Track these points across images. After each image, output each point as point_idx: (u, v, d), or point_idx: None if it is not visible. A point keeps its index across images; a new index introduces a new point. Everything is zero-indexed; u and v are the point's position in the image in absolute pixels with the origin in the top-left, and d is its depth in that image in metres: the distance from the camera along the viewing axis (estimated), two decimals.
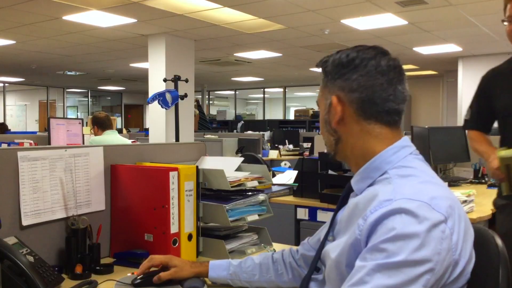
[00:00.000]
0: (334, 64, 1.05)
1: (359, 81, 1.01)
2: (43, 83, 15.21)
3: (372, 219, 0.89)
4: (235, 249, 1.69)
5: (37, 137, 5.51)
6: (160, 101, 4.22)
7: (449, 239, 0.87)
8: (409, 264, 0.84)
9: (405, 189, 0.92)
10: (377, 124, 1.02)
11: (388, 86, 1.01)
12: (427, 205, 0.88)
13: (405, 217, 0.86)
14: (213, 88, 16.87)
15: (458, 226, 0.91)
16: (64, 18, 6.32)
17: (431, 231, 0.85)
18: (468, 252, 0.93)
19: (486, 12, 6.01)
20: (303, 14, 6.03)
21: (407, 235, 0.85)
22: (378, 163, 1.01)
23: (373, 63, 1.01)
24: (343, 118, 1.03)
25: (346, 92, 1.02)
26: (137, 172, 1.62)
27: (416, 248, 0.84)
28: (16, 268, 1.22)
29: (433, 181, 0.97)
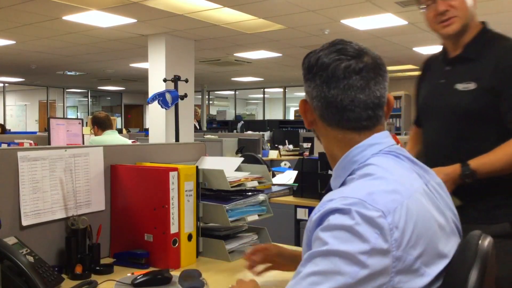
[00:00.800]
0: (303, 68, 1.05)
1: (317, 89, 1.00)
2: (43, 83, 15.22)
3: (313, 220, 0.91)
4: (235, 249, 1.69)
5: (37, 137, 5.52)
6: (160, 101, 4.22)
7: (387, 235, 0.84)
8: (334, 253, 0.84)
9: (349, 188, 0.93)
10: (340, 130, 1.00)
11: (344, 96, 0.97)
12: (361, 201, 0.86)
13: (337, 216, 0.86)
14: (213, 88, 16.87)
15: (405, 221, 0.86)
16: (64, 18, 6.32)
17: (362, 225, 0.83)
18: (418, 251, 0.87)
19: (485, 12, 6.01)
20: (303, 14, 6.03)
21: (336, 227, 0.85)
22: (345, 163, 1.01)
23: (330, 70, 0.98)
24: (313, 120, 1.05)
25: (309, 98, 1.03)
26: (137, 172, 1.62)
27: (344, 239, 0.83)
28: (16, 268, 1.22)
29: (387, 176, 0.93)
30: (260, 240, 1.79)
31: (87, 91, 17.17)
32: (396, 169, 0.97)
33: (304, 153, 7.42)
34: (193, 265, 1.58)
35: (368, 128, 1.00)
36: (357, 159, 0.99)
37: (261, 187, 1.77)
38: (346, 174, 1.01)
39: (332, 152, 1.05)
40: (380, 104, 1.00)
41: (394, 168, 0.97)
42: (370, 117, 0.99)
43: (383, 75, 1.01)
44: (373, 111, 0.99)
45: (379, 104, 0.99)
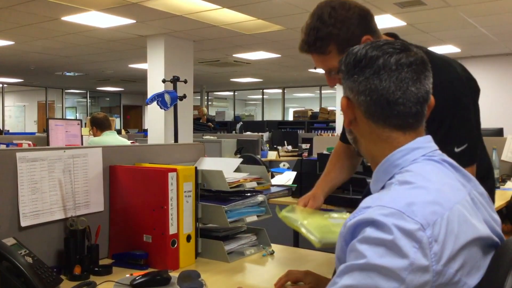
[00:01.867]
0: (346, 64, 1.02)
1: (365, 83, 0.97)
2: (42, 84, 15.21)
3: (348, 226, 0.88)
4: (234, 250, 1.69)
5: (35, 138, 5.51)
6: (159, 102, 4.22)
7: (427, 249, 0.81)
8: (372, 267, 0.81)
9: (387, 196, 0.89)
10: (386, 127, 0.98)
11: (396, 88, 0.95)
12: (399, 213, 0.83)
13: (374, 229, 0.83)
14: (212, 89, 16.87)
15: (446, 233, 0.84)
16: (63, 19, 6.32)
17: (400, 240, 0.81)
18: (461, 261, 0.86)
19: (484, 13, 6.02)
20: (302, 15, 6.04)
21: (375, 240, 0.82)
22: (386, 166, 0.98)
23: (381, 62, 0.96)
24: (355, 119, 1.01)
25: (354, 94, 0.99)
26: (136, 173, 1.62)
27: (382, 254, 0.81)
28: (15, 269, 1.22)
29: (428, 186, 0.90)
30: (259, 241, 1.79)
31: (86, 92, 17.16)
32: (438, 178, 0.93)
33: (303, 154, 7.42)
34: (192, 266, 1.57)
35: (413, 127, 0.98)
36: (399, 163, 0.96)
37: (260, 188, 1.77)
38: (386, 178, 0.97)
39: (373, 154, 1.02)
40: (427, 100, 0.99)
41: (436, 176, 0.93)
42: (417, 113, 0.97)
43: (430, 71, 1.00)
44: (421, 107, 0.97)
45: (426, 99, 0.98)
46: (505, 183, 3.71)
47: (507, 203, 3.00)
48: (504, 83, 9.23)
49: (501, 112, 8.99)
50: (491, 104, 9.23)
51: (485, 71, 9.40)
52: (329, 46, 1.43)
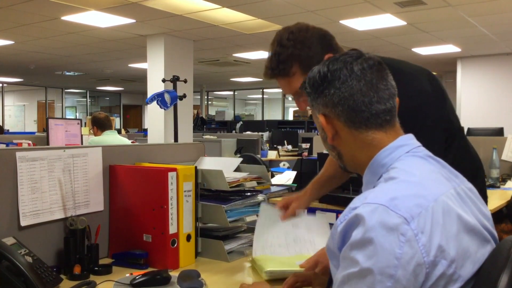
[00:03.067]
0: (310, 85, 1.05)
1: (338, 94, 1.00)
2: (42, 84, 15.20)
3: (339, 229, 0.90)
4: (234, 250, 1.69)
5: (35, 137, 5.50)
6: (158, 102, 4.22)
7: (413, 241, 0.83)
8: (365, 272, 0.83)
9: (372, 193, 0.91)
10: (369, 130, 1.00)
11: (368, 89, 0.99)
12: (383, 207, 0.85)
13: (360, 229, 0.85)
14: (212, 88, 16.87)
15: (432, 224, 0.85)
16: (63, 18, 6.32)
17: (385, 236, 0.82)
18: (453, 252, 0.87)
19: (484, 12, 6.02)
20: (302, 14, 6.04)
21: (362, 241, 0.84)
22: (374, 167, 1.00)
23: (345, 72, 1.00)
24: (336, 132, 1.03)
25: (330, 108, 1.02)
26: (135, 172, 1.62)
27: (371, 255, 0.83)
28: (15, 268, 1.22)
29: (411, 180, 0.92)
30: None
31: (85, 92, 17.16)
32: (421, 171, 0.95)
33: (303, 153, 7.42)
34: (192, 265, 1.57)
35: (391, 123, 1.01)
36: (385, 162, 0.98)
37: (260, 187, 1.77)
38: (375, 179, 0.99)
39: (360, 161, 1.03)
40: (395, 94, 1.03)
41: (419, 170, 0.95)
42: (392, 108, 1.01)
43: (388, 69, 1.04)
44: (393, 101, 1.02)
45: (394, 94, 1.02)
46: (505, 183, 3.71)
47: (507, 203, 3.00)
48: (504, 82, 9.23)
49: (501, 112, 8.99)
50: (491, 104, 9.24)
51: (485, 71, 9.41)
52: (292, 68, 1.44)
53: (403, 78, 1.43)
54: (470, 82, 9.57)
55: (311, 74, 1.05)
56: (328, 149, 1.09)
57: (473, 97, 9.44)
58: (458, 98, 9.67)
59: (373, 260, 0.82)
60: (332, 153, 1.08)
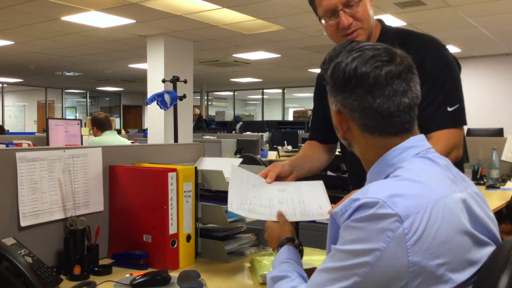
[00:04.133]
0: (333, 79, 1.01)
1: (358, 101, 0.97)
2: (42, 84, 15.20)
3: (343, 219, 0.92)
4: (234, 250, 1.69)
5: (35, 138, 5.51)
6: (158, 102, 4.22)
7: (401, 239, 0.84)
8: (347, 252, 0.88)
9: (373, 186, 0.92)
10: (382, 136, 0.99)
11: (390, 103, 0.95)
12: (381, 202, 0.86)
13: (356, 214, 0.89)
14: (212, 89, 16.87)
15: (426, 227, 0.85)
16: (63, 18, 6.32)
17: (377, 228, 0.85)
18: (445, 254, 0.86)
19: (484, 13, 6.02)
20: (302, 15, 6.04)
21: (353, 227, 0.88)
22: (381, 166, 1.00)
23: (371, 79, 0.95)
24: (349, 129, 1.03)
25: (348, 109, 1.00)
26: (135, 173, 1.62)
27: (357, 240, 0.87)
28: (14, 269, 1.22)
29: (415, 179, 0.92)
30: (259, 241, 1.79)
31: (85, 92, 17.16)
32: (427, 173, 0.95)
33: None
34: (192, 266, 1.57)
35: (409, 130, 1.00)
36: (394, 162, 0.98)
37: None
38: (381, 178, 0.99)
39: (368, 158, 1.04)
40: (418, 103, 1.00)
41: (426, 171, 0.95)
42: (412, 119, 0.99)
43: (417, 74, 1.01)
44: (414, 112, 0.99)
45: (417, 103, 1.00)
46: (505, 183, 3.71)
47: (507, 203, 3.00)
48: (504, 83, 9.23)
49: (501, 112, 8.99)
50: (491, 104, 9.24)
51: (485, 71, 9.41)
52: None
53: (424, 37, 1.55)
54: (470, 83, 9.56)
55: (337, 67, 1.01)
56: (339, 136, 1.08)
57: (472, 98, 9.42)
58: None
59: (357, 245, 0.87)
60: (345, 142, 1.08)
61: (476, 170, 3.82)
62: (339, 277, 0.88)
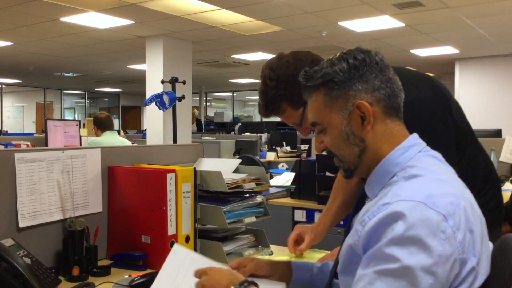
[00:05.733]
0: (346, 70, 0.99)
1: (379, 78, 0.99)
2: (40, 85, 15.19)
3: (370, 226, 0.88)
4: (233, 251, 1.69)
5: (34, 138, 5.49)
6: (157, 103, 4.22)
7: (452, 238, 0.83)
8: (407, 269, 0.82)
9: (403, 190, 0.90)
10: (397, 119, 1.01)
11: (391, 79, 1.01)
12: (422, 204, 0.84)
13: (400, 223, 0.83)
14: (210, 89, 16.87)
15: (465, 222, 0.86)
16: (62, 19, 6.31)
17: (429, 233, 0.82)
18: (478, 251, 0.88)
19: (483, 14, 6.03)
20: (301, 16, 6.04)
21: (403, 239, 0.83)
22: (386, 166, 0.98)
23: (376, 59, 1.00)
24: (371, 121, 0.99)
25: (370, 92, 0.98)
26: (134, 173, 1.62)
27: (413, 252, 0.82)
28: (13, 270, 1.22)
29: (438, 178, 0.92)
30: (258, 242, 1.79)
31: (84, 93, 17.14)
32: (442, 170, 0.96)
33: (302, 155, 7.41)
34: None
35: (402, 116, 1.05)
36: (399, 161, 0.97)
37: (258, 188, 1.77)
38: (386, 178, 0.98)
39: (382, 155, 0.99)
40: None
41: (440, 169, 0.96)
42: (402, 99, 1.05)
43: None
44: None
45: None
46: (504, 184, 3.71)
47: (505, 204, 3.00)
48: (502, 84, 9.24)
49: (499, 113, 9.00)
50: (490, 105, 9.25)
51: (484, 72, 9.42)
52: (281, 106, 1.44)
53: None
54: (468, 84, 9.58)
55: (334, 66, 1.00)
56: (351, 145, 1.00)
57: (471, 99, 9.44)
58: (456, 99, 9.64)
59: (416, 258, 0.82)
60: (355, 150, 1.00)
61: None
62: None
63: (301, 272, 1.22)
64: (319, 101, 1.02)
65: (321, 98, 1.02)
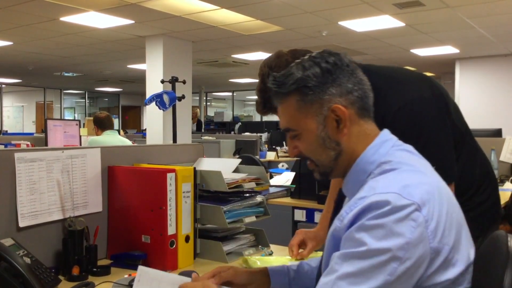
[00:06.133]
0: (319, 75, 0.99)
1: (351, 80, 1.00)
2: (40, 84, 15.18)
3: (348, 219, 0.90)
4: (233, 251, 1.69)
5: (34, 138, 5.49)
6: (157, 103, 4.21)
7: (422, 227, 0.85)
8: (372, 253, 0.84)
9: (379, 183, 0.92)
10: (369, 119, 1.03)
11: (362, 80, 1.02)
12: (396, 195, 0.86)
13: (373, 213, 0.86)
14: (210, 89, 16.86)
15: (440, 211, 0.89)
16: (62, 19, 6.31)
17: (400, 221, 0.84)
18: (452, 239, 0.90)
19: (483, 14, 6.03)
20: (301, 15, 6.04)
21: (372, 225, 0.85)
22: (362, 165, 1.00)
23: (347, 61, 1.01)
24: (347, 124, 0.99)
25: (344, 95, 0.99)
26: (134, 173, 1.62)
27: (380, 237, 0.84)
28: (13, 269, 1.21)
29: (412, 169, 0.95)
30: (258, 242, 1.79)
31: (84, 92, 17.14)
32: (417, 162, 0.98)
33: None
34: (191, 266, 1.57)
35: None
36: (374, 159, 0.99)
37: (258, 188, 1.77)
38: (363, 177, 0.99)
39: (357, 156, 1.01)
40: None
41: (415, 161, 0.98)
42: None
43: None
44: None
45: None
46: (504, 184, 3.71)
47: (505, 204, 3.00)
48: (502, 84, 9.24)
49: (499, 113, 9.00)
50: (490, 105, 9.24)
51: (484, 72, 9.41)
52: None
53: (397, 86, 1.42)
54: (468, 84, 9.58)
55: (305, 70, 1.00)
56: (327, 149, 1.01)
57: (471, 98, 9.45)
58: (457, 99, 9.68)
59: (382, 242, 0.84)
60: (330, 153, 1.01)
61: None
62: (364, 280, 0.84)
63: (278, 278, 1.22)
64: (292, 107, 1.01)
65: (294, 104, 1.01)
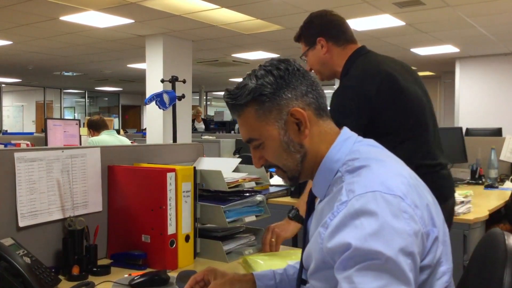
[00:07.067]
0: (273, 82, 1.00)
1: (304, 83, 1.01)
2: (40, 84, 15.18)
3: (333, 226, 0.88)
4: (233, 250, 1.69)
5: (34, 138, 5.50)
6: (157, 102, 4.21)
7: (414, 215, 0.86)
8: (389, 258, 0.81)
9: (356, 185, 0.90)
10: (327, 118, 1.04)
11: (314, 82, 1.04)
12: (378, 193, 0.86)
13: (366, 218, 0.84)
14: (210, 89, 16.86)
15: (419, 198, 0.91)
16: (61, 18, 6.31)
17: (394, 219, 0.84)
18: (436, 221, 0.92)
19: (483, 13, 6.03)
20: (301, 15, 6.01)
21: (376, 232, 0.82)
22: (328, 164, 1.00)
23: (296, 65, 1.03)
24: (307, 125, 1.00)
25: (300, 98, 1.00)
26: (134, 173, 1.61)
27: (389, 241, 0.81)
28: (13, 269, 1.21)
29: (382, 164, 0.95)
30: (258, 241, 1.79)
31: (84, 92, 17.13)
32: (384, 156, 1.00)
33: None
34: (191, 266, 1.57)
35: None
36: (339, 157, 1.00)
37: (258, 188, 1.77)
38: (331, 176, 1.00)
39: (322, 156, 1.02)
40: None
41: (381, 155, 1.00)
42: None
43: None
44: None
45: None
46: (504, 183, 3.71)
47: (505, 203, 3.00)
48: (502, 83, 9.24)
49: (499, 112, 9.00)
50: (490, 104, 9.24)
51: (484, 71, 9.41)
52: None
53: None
54: (468, 83, 9.58)
55: (264, 79, 1.00)
56: (292, 153, 1.01)
57: (471, 98, 9.45)
58: (457, 98, 9.68)
59: (393, 245, 0.82)
60: (296, 157, 1.01)
61: (474, 169, 3.82)
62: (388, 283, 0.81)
63: (264, 282, 1.21)
64: (251, 117, 1.02)
65: (253, 113, 1.01)
